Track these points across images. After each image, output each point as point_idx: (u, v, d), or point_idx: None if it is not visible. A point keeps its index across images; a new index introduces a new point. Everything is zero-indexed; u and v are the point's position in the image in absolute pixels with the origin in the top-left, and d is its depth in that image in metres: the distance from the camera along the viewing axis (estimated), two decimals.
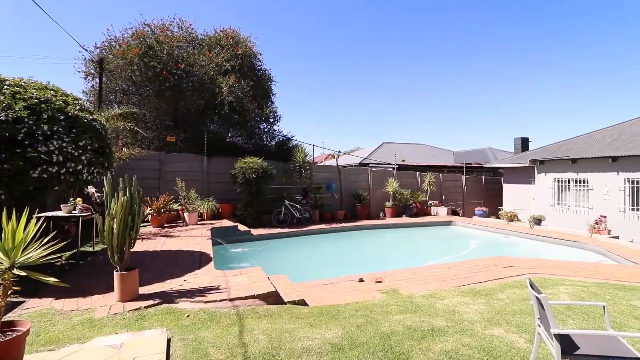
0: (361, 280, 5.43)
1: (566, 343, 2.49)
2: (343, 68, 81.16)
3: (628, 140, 11.80)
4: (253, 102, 13.59)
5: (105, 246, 3.93)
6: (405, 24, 57.88)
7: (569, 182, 12.91)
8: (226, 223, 10.36)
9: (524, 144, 18.83)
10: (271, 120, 15.52)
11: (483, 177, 18.88)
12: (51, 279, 2.52)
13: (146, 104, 13.45)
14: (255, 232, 10.33)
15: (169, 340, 2.98)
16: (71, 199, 6.20)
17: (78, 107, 5.37)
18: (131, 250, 4.09)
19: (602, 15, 46.57)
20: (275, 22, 55.79)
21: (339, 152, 16.42)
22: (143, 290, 4.24)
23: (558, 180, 13.33)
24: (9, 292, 2.42)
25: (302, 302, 4.31)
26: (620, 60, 56.57)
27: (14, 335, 2.32)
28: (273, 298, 4.19)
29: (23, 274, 2.44)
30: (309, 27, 62.25)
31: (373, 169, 16.08)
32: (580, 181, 12.49)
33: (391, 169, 16.53)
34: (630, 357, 2.38)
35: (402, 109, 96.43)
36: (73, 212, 5.99)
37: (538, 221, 12.74)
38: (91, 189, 8.50)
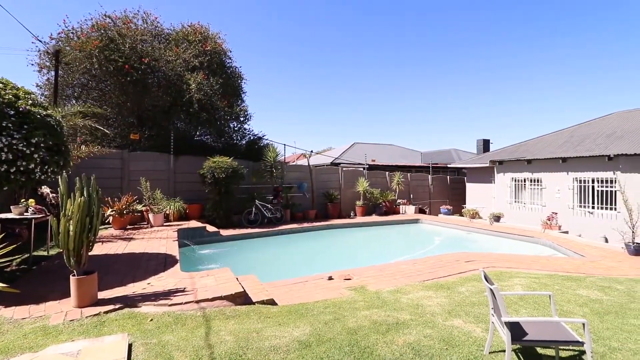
0: (330, 279, 5.51)
1: (516, 330, 2.70)
2: (317, 69, 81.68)
3: (576, 142, 12.81)
4: (223, 100, 13.33)
5: (61, 250, 3.72)
6: (383, 26, 59.09)
7: (524, 181, 13.78)
8: (194, 224, 10.09)
9: (486, 145, 19.87)
10: (241, 118, 15.29)
11: (448, 176, 19.73)
12: None
13: (107, 99, 12.76)
14: (225, 232, 10.15)
15: (130, 345, 2.88)
16: (23, 200, 5.80)
17: (30, 101, 5.03)
18: (90, 253, 3.90)
19: (567, 20, 50.00)
20: (243, 19, 54.96)
21: (311, 151, 16.49)
22: (103, 295, 4.05)
23: (515, 180, 14.19)
24: None
25: (271, 302, 4.31)
26: (577, 64, 60.91)
27: None
28: (241, 298, 4.15)
29: None
30: (283, 27, 61.90)
31: (344, 169, 16.30)
32: (534, 180, 13.37)
33: (362, 169, 16.84)
34: (571, 341, 2.62)
35: (375, 109, 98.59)
36: (25, 214, 5.60)
37: (497, 218, 13.50)
38: (45, 189, 7.98)
